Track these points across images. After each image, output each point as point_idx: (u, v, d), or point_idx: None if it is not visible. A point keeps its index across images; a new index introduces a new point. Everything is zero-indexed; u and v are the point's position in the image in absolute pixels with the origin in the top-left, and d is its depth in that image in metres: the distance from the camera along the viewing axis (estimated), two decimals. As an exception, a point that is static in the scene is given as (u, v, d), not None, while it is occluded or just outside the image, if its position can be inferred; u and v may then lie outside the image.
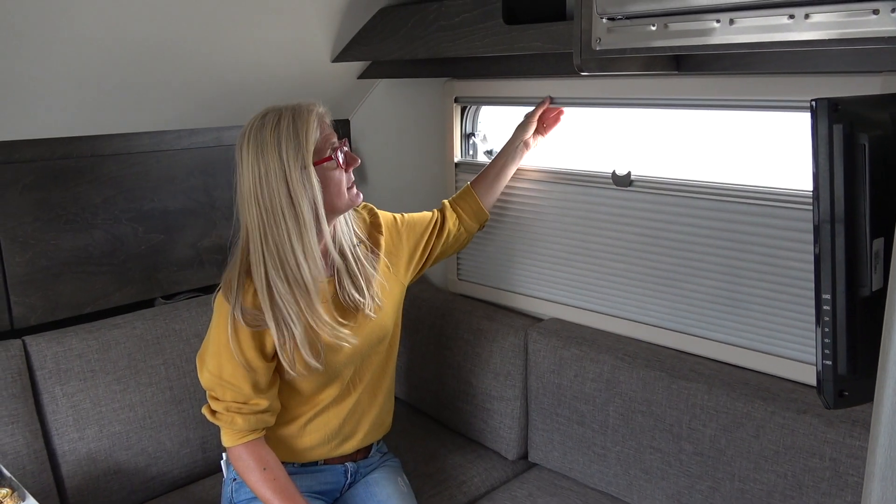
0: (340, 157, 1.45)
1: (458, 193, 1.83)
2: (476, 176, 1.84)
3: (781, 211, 1.48)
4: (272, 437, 1.57)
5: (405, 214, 1.73)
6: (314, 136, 1.41)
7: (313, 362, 1.45)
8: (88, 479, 1.71)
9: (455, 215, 1.78)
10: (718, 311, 1.62)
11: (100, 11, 1.53)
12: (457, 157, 2.10)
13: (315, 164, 1.41)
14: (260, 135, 1.40)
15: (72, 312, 1.84)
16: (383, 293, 1.59)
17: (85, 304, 1.86)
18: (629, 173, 1.71)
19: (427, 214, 1.77)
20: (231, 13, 1.72)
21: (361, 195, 1.51)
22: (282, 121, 1.40)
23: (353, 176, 1.50)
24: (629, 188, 1.71)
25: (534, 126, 1.82)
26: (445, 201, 1.81)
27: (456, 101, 2.05)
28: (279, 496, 1.46)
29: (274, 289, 1.41)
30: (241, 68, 1.89)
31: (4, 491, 1.30)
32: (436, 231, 1.75)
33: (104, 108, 1.77)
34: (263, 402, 1.47)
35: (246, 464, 1.48)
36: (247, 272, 1.44)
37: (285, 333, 1.42)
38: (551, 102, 1.81)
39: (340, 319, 1.49)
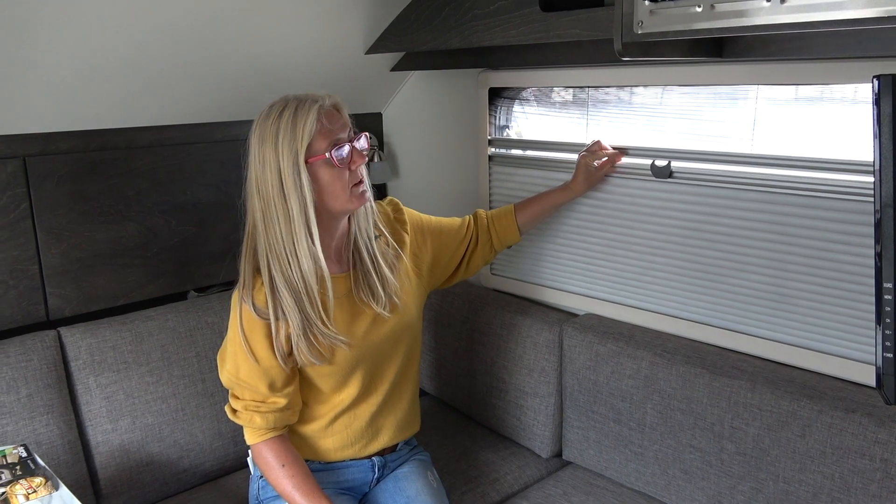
0: (340, 154, 1.38)
1: (499, 215, 1.75)
2: (521, 202, 1.78)
3: (831, 202, 1.42)
4: (297, 436, 1.56)
5: (432, 217, 1.69)
6: (310, 130, 1.35)
7: (312, 359, 1.43)
8: (121, 470, 1.71)
9: (493, 250, 1.74)
10: (763, 307, 1.57)
11: (133, 4, 1.53)
12: (490, 150, 2.07)
13: (308, 162, 1.36)
14: (264, 125, 1.38)
15: (106, 304, 1.85)
16: (404, 292, 1.56)
17: (118, 296, 1.87)
18: (669, 164, 1.66)
19: (455, 223, 1.71)
20: (265, 5, 1.71)
21: (368, 195, 1.45)
22: (284, 112, 1.36)
23: (361, 174, 1.43)
24: (669, 180, 1.67)
25: (598, 179, 1.77)
26: (485, 227, 1.73)
27: (490, 98, 2.02)
28: (298, 492, 1.44)
29: (274, 280, 1.40)
30: (274, 61, 1.88)
31: (39, 480, 1.31)
32: (469, 250, 1.71)
33: (138, 100, 1.77)
34: (281, 401, 1.46)
35: (266, 461, 1.48)
36: (255, 267, 1.44)
37: (279, 327, 1.41)
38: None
39: (332, 323, 1.45)
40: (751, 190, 1.54)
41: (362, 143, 1.43)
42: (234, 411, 1.49)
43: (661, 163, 1.67)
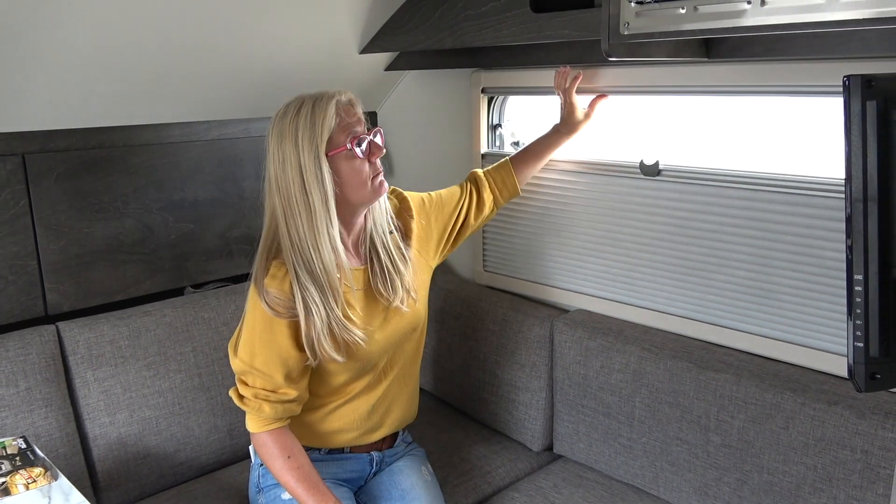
0: (361, 146, 1.43)
1: (496, 168, 1.76)
2: (516, 153, 1.80)
3: (813, 199, 1.46)
4: (298, 420, 1.57)
5: (432, 193, 1.71)
6: (330, 124, 1.39)
7: (334, 354, 1.44)
8: (119, 462, 1.74)
9: (492, 196, 1.74)
10: (748, 302, 1.60)
11: (131, 3, 1.55)
12: (483, 149, 2.10)
13: (328, 154, 1.39)
14: (282, 122, 1.41)
15: (104, 300, 1.87)
16: (416, 283, 1.58)
17: (116, 291, 1.89)
18: (657, 163, 1.69)
19: (455, 191, 1.73)
20: (261, 5, 1.73)
21: (386, 185, 1.49)
22: (302, 109, 1.40)
23: (379, 166, 1.47)
24: (657, 178, 1.70)
25: (580, 109, 1.75)
26: (482, 176, 1.74)
27: (483, 91, 2.05)
28: (302, 484, 1.46)
29: (298, 276, 1.41)
30: (270, 60, 1.90)
31: (38, 470, 1.33)
32: (471, 210, 1.72)
33: (136, 98, 1.79)
34: (293, 392, 1.47)
35: (270, 451, 1.49)
36: (269, 258, 1.46)
37: (309, 321, 1.42)
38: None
39: (354, 316, 1.47)
40: (735, 188, 1.57)
41: (379, 135, 1.48)
42: (242, 398, 1.49)
43: (649, 161, 1.70)
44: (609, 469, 1.79)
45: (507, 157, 1.79)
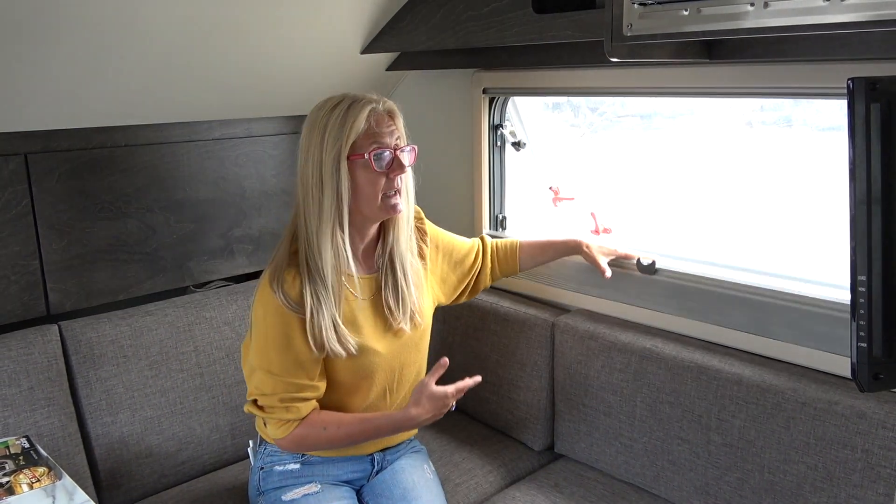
0: (380, 158, 1.40)
1: (503, 248, 1.78)
2: (527, 242, 1.79)
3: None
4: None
5: (446, 233, 1.71)
6: (358, 128, 1.38)
7: (338, 349, 1.42)
8: (120, 462, 1.74)
9: (491, 271, 1.77)
10: (749, 302, 1.60)
11: (135, 5, 1.55)
12: (484, 150, 2.10)
13: (348, 158, 1.39)
14: (316, 114, 1.42)
15: (106, 299, 1.87)
16: (423, 306, 1.57)
17: (118, 291, 1.89)
18: (653, 262, 1.73)
19: (465, 246, 1.73)
20: (262, 5, 1.73)
21: (400, 208, 1.46)
22: (338, 106, 1.39)
23: (398, 184, 1.44)
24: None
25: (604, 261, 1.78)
26: (489, 247, 1.77)
27: (484, 92, 2.05)
28: (351, 429, 1.46)
29: (310, 267, 1.41)
30: (272, 60, 1.90)
31: (42, 469, 1.34)
32: (475, 274, 1.74)
33: (137, 98, 1.80)
34: (318, 387, 1.46)
35: (309, 440, 1.46)
36: (290, 255, 1.44)
37: (319, 314, 1.41)
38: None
39: (352, 327, 1.46)
40: (734, 294, 1.59)
41: (407, 154, 1.45)
42: (263, 408, 1.46)
43: (646, 261, 1.74)
44: (610, 468, 1.80)
45: (517, 245, 1.78)
